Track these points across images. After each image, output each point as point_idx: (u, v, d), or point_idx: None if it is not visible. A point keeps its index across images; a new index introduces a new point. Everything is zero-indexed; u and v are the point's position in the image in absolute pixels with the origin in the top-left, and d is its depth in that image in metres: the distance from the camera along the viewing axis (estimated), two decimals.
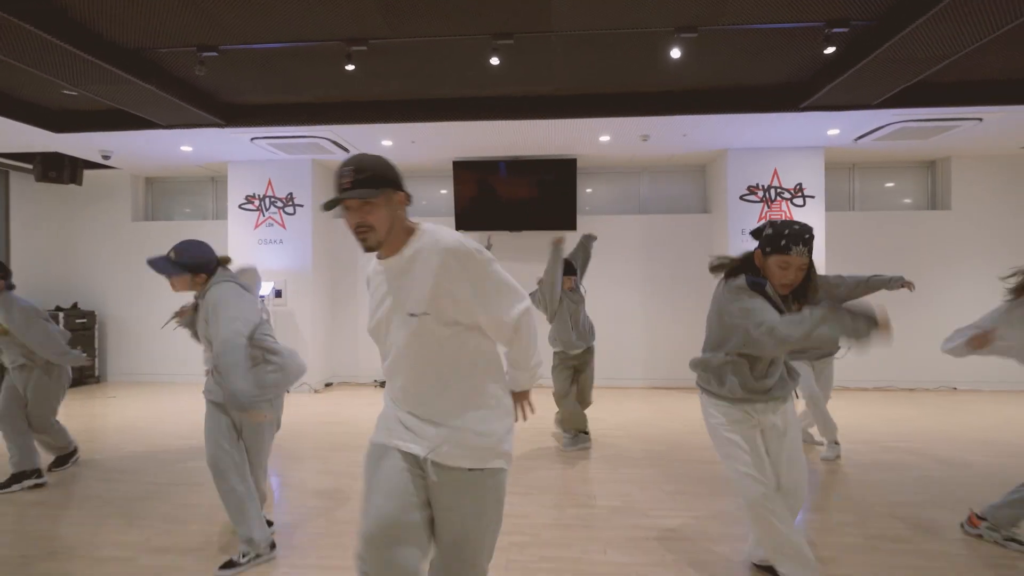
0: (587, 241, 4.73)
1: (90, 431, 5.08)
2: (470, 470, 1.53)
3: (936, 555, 2.64)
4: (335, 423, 5.34)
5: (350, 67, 4.05)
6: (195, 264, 2.49)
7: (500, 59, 4.01)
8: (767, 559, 2.36)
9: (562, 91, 5.04)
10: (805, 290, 2.16)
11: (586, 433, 4.50)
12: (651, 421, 5.32)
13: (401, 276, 1.55)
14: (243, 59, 4.31)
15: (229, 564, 2.50)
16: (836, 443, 4.13)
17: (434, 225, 1.60)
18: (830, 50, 3.88)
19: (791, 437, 2.26)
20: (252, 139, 5.81)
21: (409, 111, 5.25)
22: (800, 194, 6.31)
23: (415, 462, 1.55)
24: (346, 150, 6.25)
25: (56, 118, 5.51)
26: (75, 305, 7.46)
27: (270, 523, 2.85)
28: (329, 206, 1.48)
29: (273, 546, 2.65)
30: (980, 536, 2.78)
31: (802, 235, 2.07)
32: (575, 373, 4.41)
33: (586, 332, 4.36)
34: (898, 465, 3.98)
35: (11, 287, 3.71)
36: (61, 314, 7.00)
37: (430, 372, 1.55)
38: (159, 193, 7.95)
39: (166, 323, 2.84)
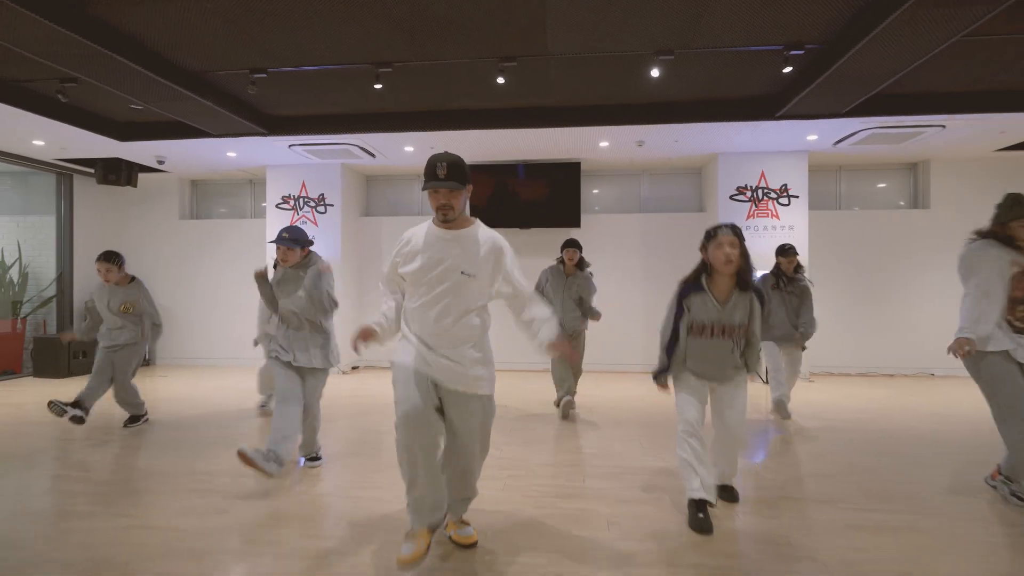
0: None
1: (152, 400, 5.86)
2: (466, 393, 2.28)
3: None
4: (363, 396, 6.04)
5: (378, 85, 4.76)
6: (305, 242, 3.48)
7: (505, 79, 4.67)
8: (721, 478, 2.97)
9: (562, 103, 5.70)
10: (747, 271, 2.69)
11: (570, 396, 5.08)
12: (644, 396, 5.93)
13: (461, 245, 2.25)
14: (286, 79, 5.03)
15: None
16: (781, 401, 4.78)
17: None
18: (788, 70, 4.48)
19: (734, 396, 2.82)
20: (290, 146, 6.56)
21: (428, 121, 5.95)
22: (785, 194, 6.88)
23: (430, 382, 2.25)
24: (372, 155, 6.97)
25: (121, 128, 6.32)
26: None
27: (316, 457, 3.59)
28: (428, 187, 2.23)
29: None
30: (995, 488, 3.03)
31: (724, 224, 2.68)
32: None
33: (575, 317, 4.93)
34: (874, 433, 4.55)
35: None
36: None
37: (456, 316, 2.25)
38: (202, 194, 8.77)
39: (260, 273, 3.53)
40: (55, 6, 3.60)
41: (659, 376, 2.84)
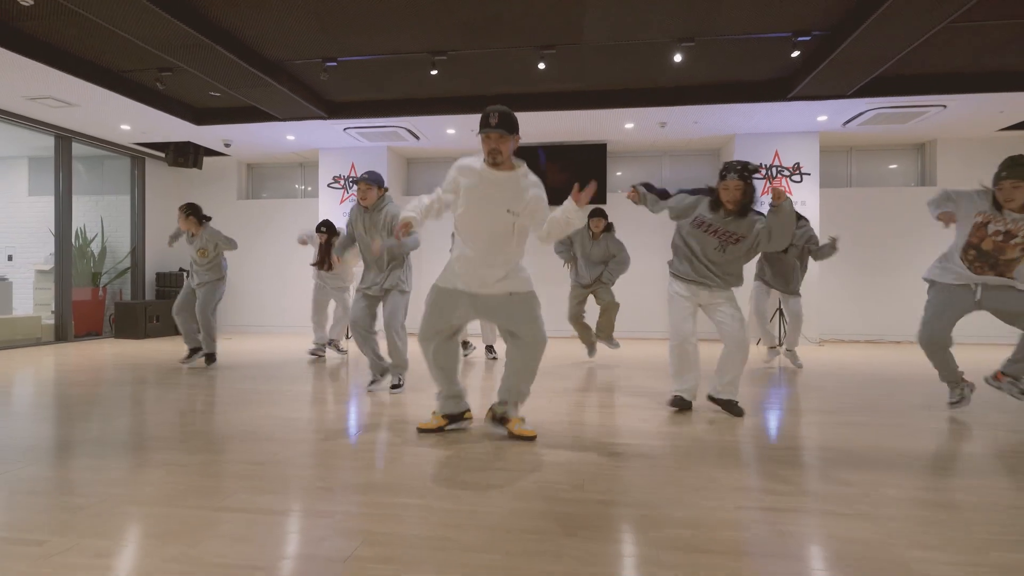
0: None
1: (224, 354, 6.65)
2: (511, 293, 2.86)
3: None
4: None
5: (434, 72, 5.44)
6: (382, 182, 4.10)
7: (545, 64, 5.32)
8: (720, 392, 3.60)
9: (592, 87, 6.32)
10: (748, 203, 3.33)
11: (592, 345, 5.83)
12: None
13: (505, 185, 2.75)
14: (350, 67, 5.73)
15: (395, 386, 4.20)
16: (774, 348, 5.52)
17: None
18: (795, 54, 5.06)
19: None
20: (345, 129, 7.29)
21: (470, 105, 6.62)
22: (798, 172, 7.43)
23: (466, 298, 2.87)
24: (417, 137, 7.68)
25: (197, 113, 7.10)
26: None
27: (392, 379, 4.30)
28: (481, 132, 2.69)
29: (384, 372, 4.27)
30: (1000, 388, 3.54)
31: (733, 169, 3.26)
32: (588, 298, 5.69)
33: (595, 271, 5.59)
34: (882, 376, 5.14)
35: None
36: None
37: (498, 245, 2.81)
38: (257, 177, 9.57)
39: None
40: (170, 2, 4.32)
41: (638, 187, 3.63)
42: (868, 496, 2.16)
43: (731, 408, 3.53)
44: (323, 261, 5.95)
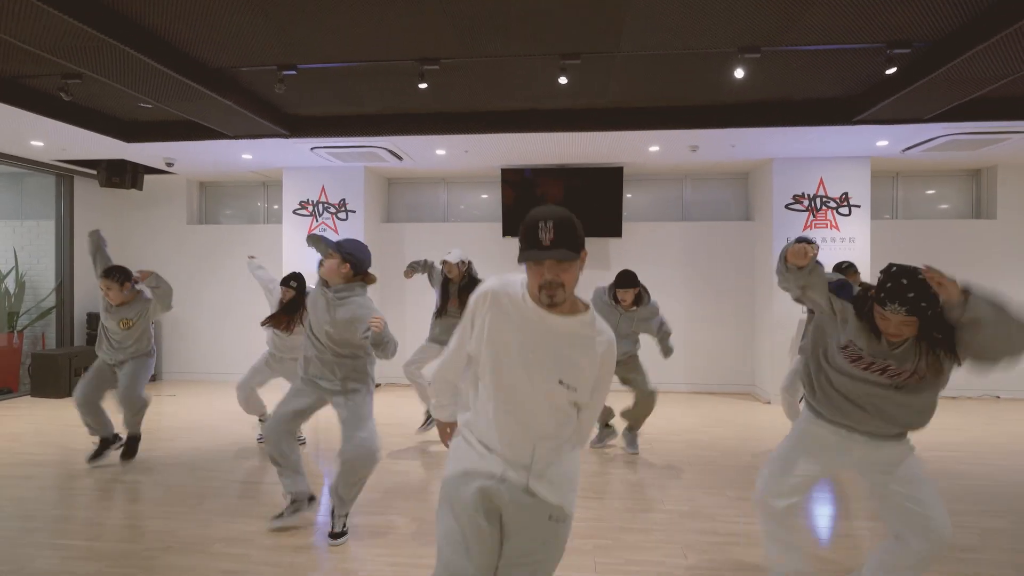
0: None
1: (162, 429, 5.35)
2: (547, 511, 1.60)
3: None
4: (391, 424, 5.55)
5: (423, 85, 4.23)
6: (362, 264, 3.00)
7: (567, 77, 4.15)
8: None
9: (616, 103, 5.18)
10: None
11: (609, 427, 4.68)
12: (698, 427, 5.45)
13: (564, 339, 1.57)
14: (315, 76, 4.50)
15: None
16: None
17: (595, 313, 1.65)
18: (891, 71, 3.96)
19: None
20: (312, 148, 6.03)
21: (467, 123, 5.43)
22: (846, 203, 6.38)
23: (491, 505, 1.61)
24: (399, 158, 6.45)
25: (126, 128, 5.78)
26: None
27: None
28: (526, 258, 1.50)
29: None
30: None
31: (895, 297, 1.89)
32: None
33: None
34: (950, 473, 4.08)
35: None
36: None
37: (538, 430, 1.60)
38: (212, 197, 8.23)
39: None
40: None
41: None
42: None
43: None
44: (284, 320, 4.60)
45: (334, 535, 2.96)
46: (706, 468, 4.20)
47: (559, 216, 1.50)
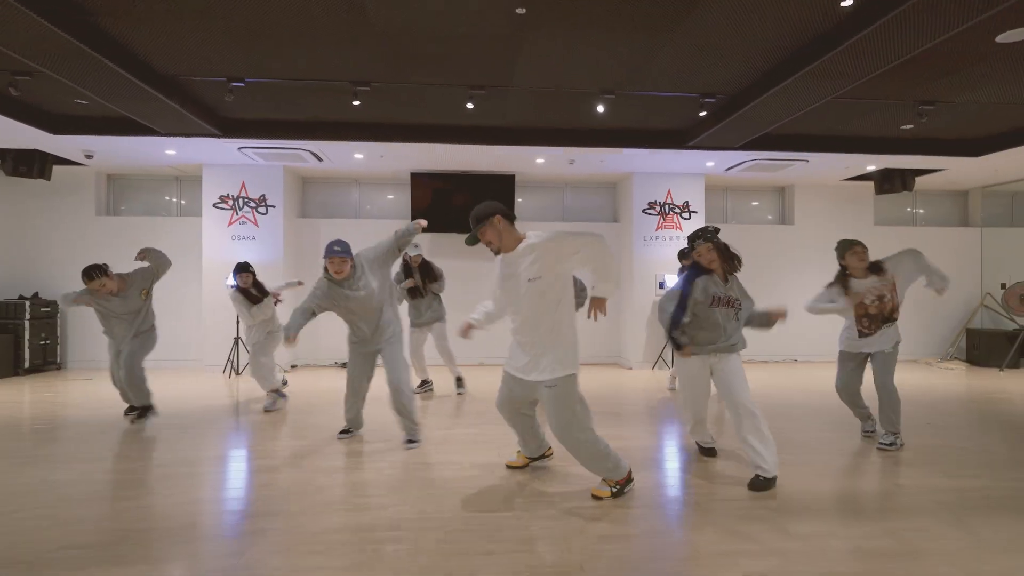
0: None
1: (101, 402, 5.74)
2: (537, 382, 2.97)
3: None
4: (302, 392, 6.33)
5: (356, 102, 5.17)
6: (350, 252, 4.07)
7: (473, 103, 5.29)
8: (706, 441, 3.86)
9: (511, 124, 6.41)
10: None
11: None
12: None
13: (518, 262, 2.93)
14: (258, 87, 5.27)
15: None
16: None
17: (535, 232, 2.94)
18: (703, 114, 5.55)
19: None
20: (240, 148, 6.66)
21: (385, 133, 6.39)
22: (687, 210, 8.12)
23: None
24: (320, 160, 7.23)
25: (55, 121, 6.08)
26: (36, 294, 7.77)
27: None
28: (470, 242, 3.02)
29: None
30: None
31: (698, 237, 3.50)
32: None
33: None
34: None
35: None
36: (26, 302, 7.36)
37: (536, 317, 2.95)
38: (120, 189, 8.40)
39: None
40: (51, 7, 3.66)
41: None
42: (825, 552, 2.43)
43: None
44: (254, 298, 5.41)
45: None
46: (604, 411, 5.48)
47: (473, 213, 3.01)
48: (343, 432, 4.34)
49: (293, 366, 8.09)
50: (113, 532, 2.64)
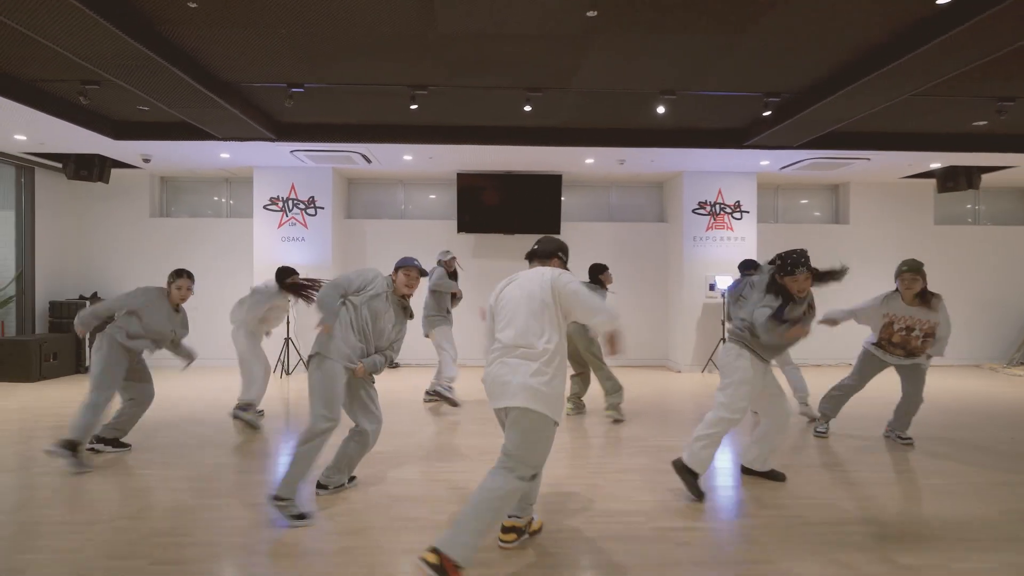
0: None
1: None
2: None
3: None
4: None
5: (414, 106, 5.14)
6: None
7: (531, 106, 5.21)
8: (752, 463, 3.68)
9: (565, 124, 6.31)
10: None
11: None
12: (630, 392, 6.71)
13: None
14: (315, 92, 5.28)
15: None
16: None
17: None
18: (767, 113, 5.37)
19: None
20: (292, 151, 6.71)
21: (436, 135, 6.36)
22: (738, 210, 7.92)
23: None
24: (369, 161, 7.25)
25: (117, 127, 6.21)
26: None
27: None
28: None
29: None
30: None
31: (800, 262, 3.21)
32: None
33: None
34: None
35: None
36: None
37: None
38: (173, 191, 8.57)
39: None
40: (124, 18, 3.70)
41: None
42: None
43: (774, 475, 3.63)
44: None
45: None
46: (651, 415, 5.40)
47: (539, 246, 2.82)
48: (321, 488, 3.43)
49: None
50: (205, 547, 2.66)
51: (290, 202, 7.67)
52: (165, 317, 4.13)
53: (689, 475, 3.29)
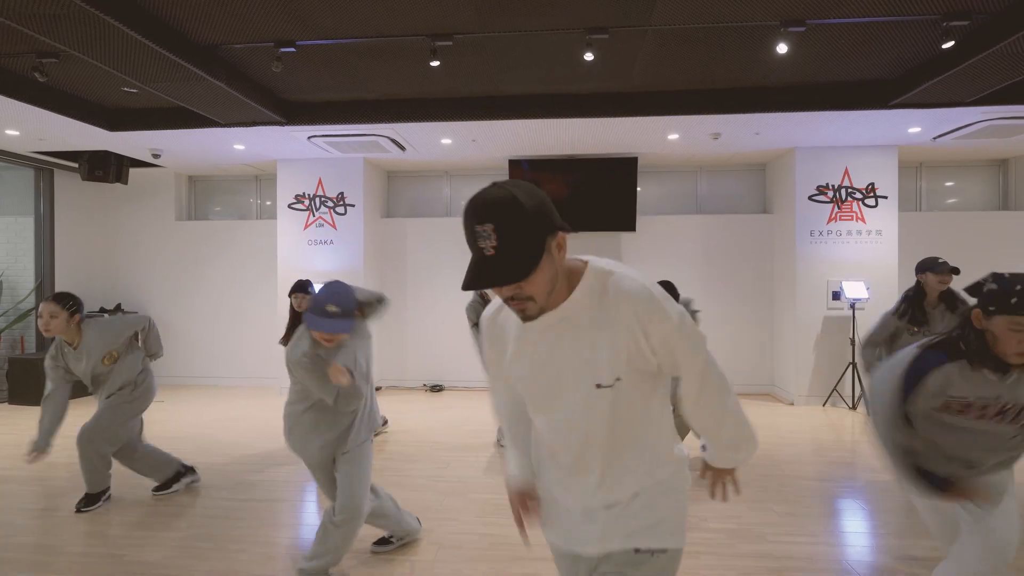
0: None
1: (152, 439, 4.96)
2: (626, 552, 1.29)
3: None
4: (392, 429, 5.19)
5: (435, 63, 3.87)
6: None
7: (593, 54, 3.80)
8: None
9: (637, 87, 4.85)
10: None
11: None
12: None
13: (572, 333, 1.21)
14: (315, 55, 4.14)
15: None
16: None
17: (607, 262, 1.24)
18: (948, 44, 3.65)
19: None
20: (309, 137, 5.65)
21: (476, 109, 5.07)
22: (872, 194, 6.08)
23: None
24: (402, 148, 6.08)
25: (111, 116, 5.38)
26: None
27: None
28: (465, 287, 1.08)
29: None
30: None
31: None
32: None
33: None
34: None
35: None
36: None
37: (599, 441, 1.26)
38: (202, 192, 7.82)
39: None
40: None
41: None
42: None
43: None
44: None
45: None
46: (745, 479, 3.87)
47: (501, 213, 1.06)
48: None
49: (378, 388, 7.08)
50: None
51: (317, 199, 6.65)
52: (73, 359, 3.12)
53: None
